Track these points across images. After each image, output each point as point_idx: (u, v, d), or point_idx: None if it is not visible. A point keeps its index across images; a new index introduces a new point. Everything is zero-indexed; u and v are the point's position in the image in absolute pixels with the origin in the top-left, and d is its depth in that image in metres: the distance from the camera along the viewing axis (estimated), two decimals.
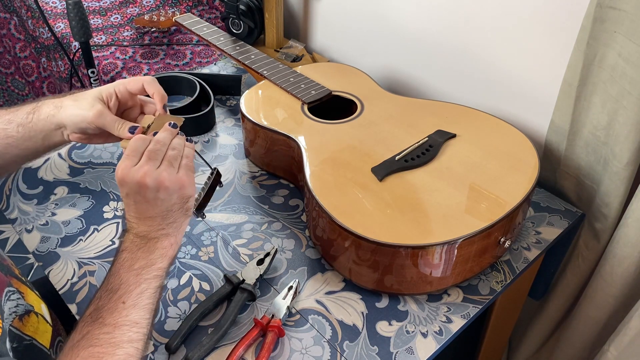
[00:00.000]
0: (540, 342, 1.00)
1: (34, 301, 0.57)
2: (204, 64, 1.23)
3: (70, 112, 0.66)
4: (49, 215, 0.79)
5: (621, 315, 0.78)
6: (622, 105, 0.69)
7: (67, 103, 0.67)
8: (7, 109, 0.68)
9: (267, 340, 0.62)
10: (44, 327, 0.56)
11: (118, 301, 0.53)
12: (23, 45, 1.60)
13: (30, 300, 0.56)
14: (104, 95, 0.67)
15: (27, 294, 0.57)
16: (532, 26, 0.79)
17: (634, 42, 0.64)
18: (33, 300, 0.57)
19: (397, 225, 0.64)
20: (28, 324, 0.53)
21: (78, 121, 0.66)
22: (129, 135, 0.64)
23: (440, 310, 0.67)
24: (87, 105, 0.66)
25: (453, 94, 0.97)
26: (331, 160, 0.74)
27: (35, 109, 0.68)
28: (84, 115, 0.65)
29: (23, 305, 0.54)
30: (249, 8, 1.10)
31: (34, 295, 0.58)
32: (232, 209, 0.80)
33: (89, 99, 0.66)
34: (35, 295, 0.59)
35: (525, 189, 0.69)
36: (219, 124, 0.98)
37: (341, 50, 1.16)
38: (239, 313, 0.66)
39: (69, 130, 0.68)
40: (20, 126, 0.67)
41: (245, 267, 0.70)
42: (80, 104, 0.66)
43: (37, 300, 0.58)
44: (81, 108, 0.66)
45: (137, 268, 0.55)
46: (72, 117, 0.66)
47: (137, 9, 1.43)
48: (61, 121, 0.67)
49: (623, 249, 0.74)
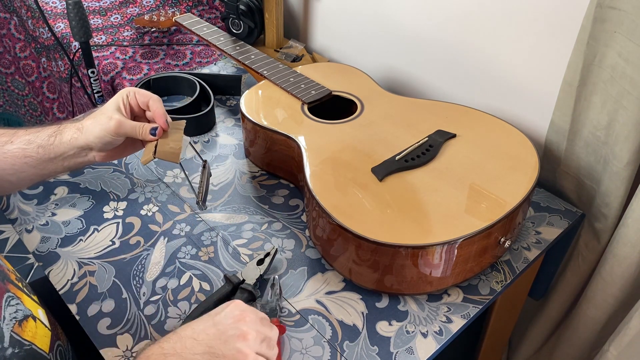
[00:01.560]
0: (540, 342, 1.00)
1: (31, 306, 0.57)
2: (204, 64, 1.23)
3: (92, 131, 0.69)
4: (49, 215, 0.79)
5: (621, 315, 0.78)
6: (622, 105, 0.69)
7: (87, 124, 0.70)
8: (26, 130, 0.71)
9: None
10: (42, 332, 0.56)
11: None
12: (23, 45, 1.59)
13: (28, 305, 0.56)
14: (120, 105, 0.71)
15: (24, 299, 0.57)
16: (532, 26, 0.79)
17: (634, 42, 0.64)
18: (30, 305, 0.57)
19: (397, 225, 0.64)
20: (27, 329, 0.53)
21: (102, 136, 0.69)
22: (152, 137, 0.69)
23: (440, 310, 0.67)
24: (106, 119, 0.69)
25: (453, 94, 0.97)
26: (331, 160, 0.74)
27: (58, 132, 0.70)
28: (106, 129, 0.69)
29: (22, 311, 0.54)
30: (249, 8, 1.10)
31: (30, 301, 0.58)
32: (232, 209, 0.80)
33: (107, 113, 0.70)
34: (32, 300, 0.58)
35: (525, 189, 0.69)
36: (219, 124, 0.98)
37: (341, 50, 1.16)
38: None
39: (95, 149, 0.71)
40: (41, 147, 0.69)
41: (246, 267, 0.70)
42: (99, 120, 0.70)
43: (34, 305, 0.58)
44: (101, 123, 0.69)
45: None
46: (96, 134, 0.69)
47: (137, 9, 1.43)
48: (86, 143, 0.70)
49: (623, 249, 0.74)
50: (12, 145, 0.69)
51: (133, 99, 0.72)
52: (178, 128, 0.72)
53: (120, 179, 0.85)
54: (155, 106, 0.71)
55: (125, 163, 0.89)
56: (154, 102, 0.72)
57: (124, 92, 0.72)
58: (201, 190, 0.72)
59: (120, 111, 0.71)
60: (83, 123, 0.71)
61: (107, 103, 0.72)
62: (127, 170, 0.87)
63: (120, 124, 0.69)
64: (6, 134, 0.70)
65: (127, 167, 0.88)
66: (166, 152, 0.69)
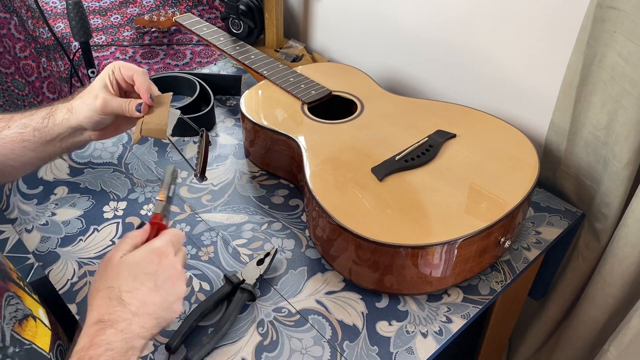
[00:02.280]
0: (540, 342, 1.00)
1: (31, 305, 0.57)
2: (204, 64, 1.23)
3: (80, 111, 0.68)
4: (49, 215, 0.79)
5: (621, 315, 0.78)
6: (622, 105, 0.69)
7: (76, 104, 0.69)
8: (22, 113, 0.70)
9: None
10: (42, 331, 0.56)
11: None
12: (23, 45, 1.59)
13: (28, 305, 0.56)
14: (107, 81, 0.69)
15: (25, 298, 0.57)
16: (532, 26, 0.79)
17: (634, 42, 0.64)
18: (31, 304, 0.57)
19: (397, 225, 0.64)
20: (27, 328, 0.53)
21: (90, 116, 0.68)
22: (138, 114, 0.66)
23: (440, 310, 0.67)
24: (92, 98, 0.68)
25: (453, 94, 0.97)
26: (331, 160, 0.74)
27: (50, 114, 0.69)
28: (93, 108, 0.67)
29: (22, 310, 0.54)
30: (249, 8, 1.10)
31: (31, 300, 0.58)
32: (232, 209, 0.80)
33: (93, 92, 0.68)
34: (33, 299, 0.58)
35: (525, 189, 0.69)
36: (219, 124, 0.98)
37: (341, 50, 1.16)
38: (239, 313, 0.66)
39: (89, 129, 0.70)
40: (37, 130, 0.69)
41: (245, 267, 0.70)
42: (86, 99, 0.68)
43: (35, 305, 0.58)
44: (88, 103, 0.68)
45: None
46: (84, 114, 0.68)
47: (137, 9, 1.43)
48: (77, 123, 0.69)
49: (623, 249, 0.74)
50: (9, 131, 0.68)
51: (119, 74, 0.69)
52: (164, 102, 0.69)
53: (120, 179, 0.85)
54: (139, 80, 0.68)
55: (125, 163, 0.89)
56: (138, 76, 0.69)
57: (110, 67, 0.70)
58: (199, 161, 0.69)
59: (107, 88, 0.68)
60: (72, 103, 0.69)
61: (94, 80, 0.70)
62: (127, 170, 0.87)
63: (106, 102, 0.67)
64: (3, 119, 0.69)
65: (127, 167, 0.88)
66: (151, 129, 0.66)
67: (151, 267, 0.53)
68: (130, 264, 0.52)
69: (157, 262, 0.53)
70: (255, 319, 0.66)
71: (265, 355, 0.62)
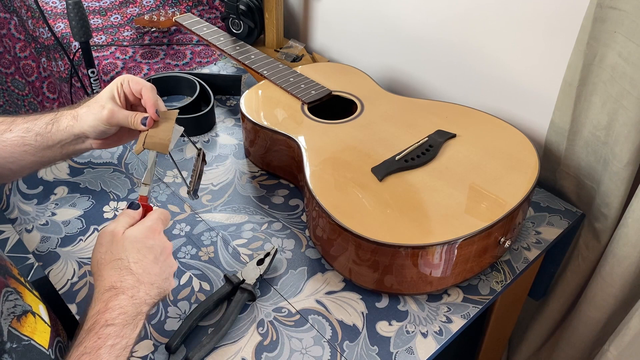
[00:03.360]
0: (540, 342, 1.00)
1: (32, 301, 0.57)
2: (204, 64, 1.23)
3: (86, 119, 0.69)
4: (49, 215, 0.79)
5: (621, 315, 0.78)
6: (622, 105, 0.69)
7: (82, 112, 0.70)
8: (24, 117, 0.71)
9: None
10: (42, 328, 0.56)
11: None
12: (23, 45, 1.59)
13: (28, 301, 0.57)
14: (115, 93, 0.70)
15: (25, 294, 0.57)
16: (532, 26, 0.79)
17: (634, 42, 0.64)
18: (31, 300, 0.57)
19: (397, 225, 0.64)
20: (25, 324, 0.53)
21: (95, 125, 0.69)
22: (143, 127, 0.68)
23: (440, 310, 0.67)
24: (99, 108, 0.69)
25: (453, 94, 0.97)
26: (331, 160, 0.74)
27: (54, 120, 0.70)
28: (99, 118, 0.68)
29: (21, 306, 0.54)
30: (249, 8, 1.10)
31: (32, 296, 0.58)
32: (232, 209, 0.80)
33: (100, 102, 0.69)
34: (34, 295, 0.59)
35: (525, 189, 0.69)
36: (219, 124, 0.98)
37: (341, 50, 1.16)
38: (239, 313, 0.66)
39: (91, 137, 0.71)
40: (39, 135, 0.69)
41: (245, 267, 0.70)
42: (93, 108, 0.69)
43: (35, 301, 0.58)
44: (94, 112, 0.69)
45: (119, 349, 0.53)
46: (89, 123, 0.69)
47: (137, 9, 1.43)
48: (81, 131, 0.69)
49: (623, 249, 0.74)
50: (11, 134, 0.68)
51: (127, 87, 0.71)
52: (169, 118, 0.70)
53: (120, 179, 0.85)
54: (147, 95, 0.70)
55: (125, 163, 0.89)
56: (146, 91, 0.70)
57: (119, 80, 0.71)
58: (193, 179, 0.70)
59: (114, 100, 0.69)
60: (78, 111, 0.70)
61: (102, 91, 0.71)
62: (127, 170, 0.87)
63: (113, 113, 0.68)
64: (5, 122, 0.69)
65: (127, 167, 0.88)
66: (155, 142, 0.67)
67: (149, 241, 0.59)
68: (133, 239, 0.58)
69: (152, 237, 0.59)
70: (255, 319, 0.66)
71: (265, 355, 0.62)
